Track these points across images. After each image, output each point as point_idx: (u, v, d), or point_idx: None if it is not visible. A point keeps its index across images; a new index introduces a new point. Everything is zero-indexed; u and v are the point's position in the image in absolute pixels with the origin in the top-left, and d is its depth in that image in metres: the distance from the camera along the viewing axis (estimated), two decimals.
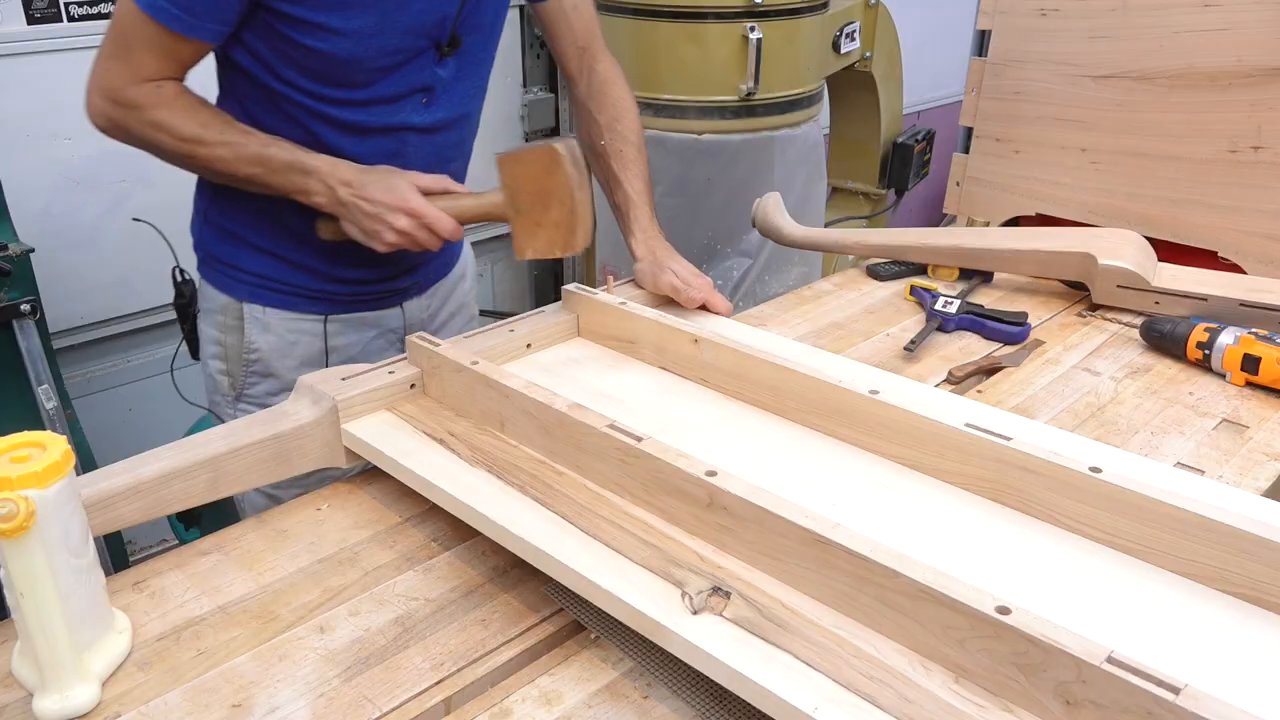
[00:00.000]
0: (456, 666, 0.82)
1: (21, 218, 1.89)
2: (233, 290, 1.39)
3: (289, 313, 1.39)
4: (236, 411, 1.44)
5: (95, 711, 0.77)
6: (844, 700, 0.69)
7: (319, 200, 1.22)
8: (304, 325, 1.40)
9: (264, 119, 1.26)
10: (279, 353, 1.40)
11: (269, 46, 1.21)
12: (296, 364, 1.40)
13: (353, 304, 1.42)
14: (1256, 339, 1.28)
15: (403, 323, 1.49)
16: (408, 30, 1.23)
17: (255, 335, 1.39)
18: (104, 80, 1.19)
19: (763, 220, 1.69)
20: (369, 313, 1.45)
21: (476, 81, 1.39)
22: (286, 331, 1.40)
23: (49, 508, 0.72)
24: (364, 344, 1.45)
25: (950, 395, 1.16)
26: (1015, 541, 0.88)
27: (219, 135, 1.21)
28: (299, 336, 1.41)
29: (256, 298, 1.39)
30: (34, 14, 2.06)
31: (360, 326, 1.45)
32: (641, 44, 2.16)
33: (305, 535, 1.00)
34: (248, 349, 1.40)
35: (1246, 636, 0.78)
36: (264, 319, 1.39)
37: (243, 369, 1.41)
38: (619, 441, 0.91)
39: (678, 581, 0.81)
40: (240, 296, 1.39)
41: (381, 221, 1.19)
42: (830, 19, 2.35)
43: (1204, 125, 1.91)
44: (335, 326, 1.42)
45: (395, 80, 1.27)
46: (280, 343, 1.40)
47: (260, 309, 1.39)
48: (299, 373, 1.36)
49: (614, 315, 1.26)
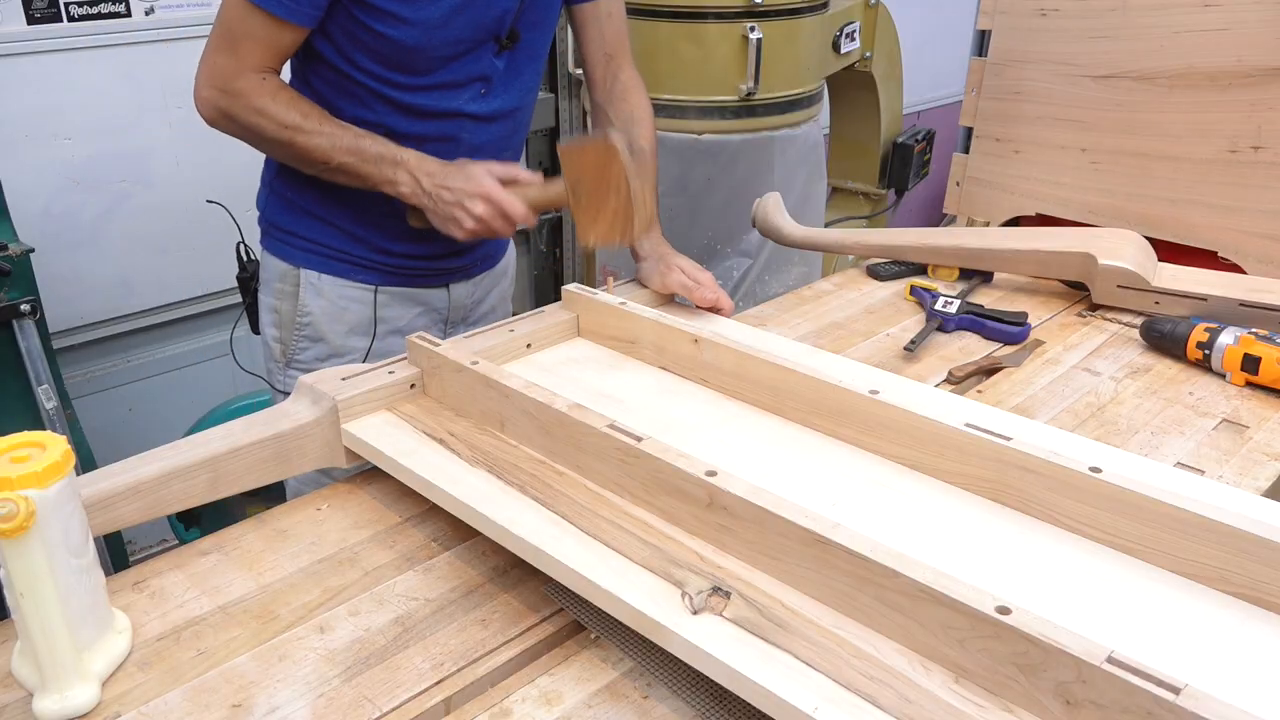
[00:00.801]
0: (456, 666, 0.82)
1: (21, 218, 1.89)
2: (291, 257, 1.47)
3: (341, 280, 1.47)
4: (286, 378, 1.52)
5: (95, 711, 0.77)
6: (844, 700, 0.69)
7: (404, 190, 1.29)
8: (354, 293, 1.48)
9: (334, 101, 1.34)
10: (330, 317, 1.48)
11: (345, 33, 1.29)
12: (346, 329, 1.48)
13: (401, 278, 1.49)
14: (1256, 339, 1.28)
15: (447, 304, 1.55)
16: (472, 23, 1.30)
17: (309, 299, 1.47)
18: (213, 71, 1.27)
19: (763, 220, 1.70)
20: (416, 289, 1.51)
21: (531, 77, 1.46)
22: (338, 298, 1.47)
23: (49, 508, 0.72)
24: (409, 319, 1.52)
25: (950, 395, 1.16)
26: (1015, 541, 0.88)
27: (317, 125, 1.28)
28: (349, 304, 1.48)
29: (312, 264, 1.46)
30: (34, 14, 2.06)
31: (407, 302, 1.51)
32: (641, 44, 2.15)
33: (305, 535, 1.00)
34: (301, 312, 1.48)
35: (1246, 636, 0.78)
36: (318, 284, 1.47)
37: (294, 334, 1.49)
38: (619, 441, 0.91)
39: (678, 581, 0.81)
40: (298, 263, 1.47)
41: (461, 208, 1.25)
42: (830, 19, 2.35)
43: (1204, 125, 1.91)
44: (384, 298, 1.49)
45: (456, 69, 1.34)
46: (331, 308, 1.47)
47: (316, 275, 1.46)
48: (347, 339, 1.48)
49: (614, 315, 1.26)
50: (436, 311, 1.55)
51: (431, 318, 1.55)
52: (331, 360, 1.49)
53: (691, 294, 1.37)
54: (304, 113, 1.29)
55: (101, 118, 2.20)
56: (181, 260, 2.42)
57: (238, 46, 1.26)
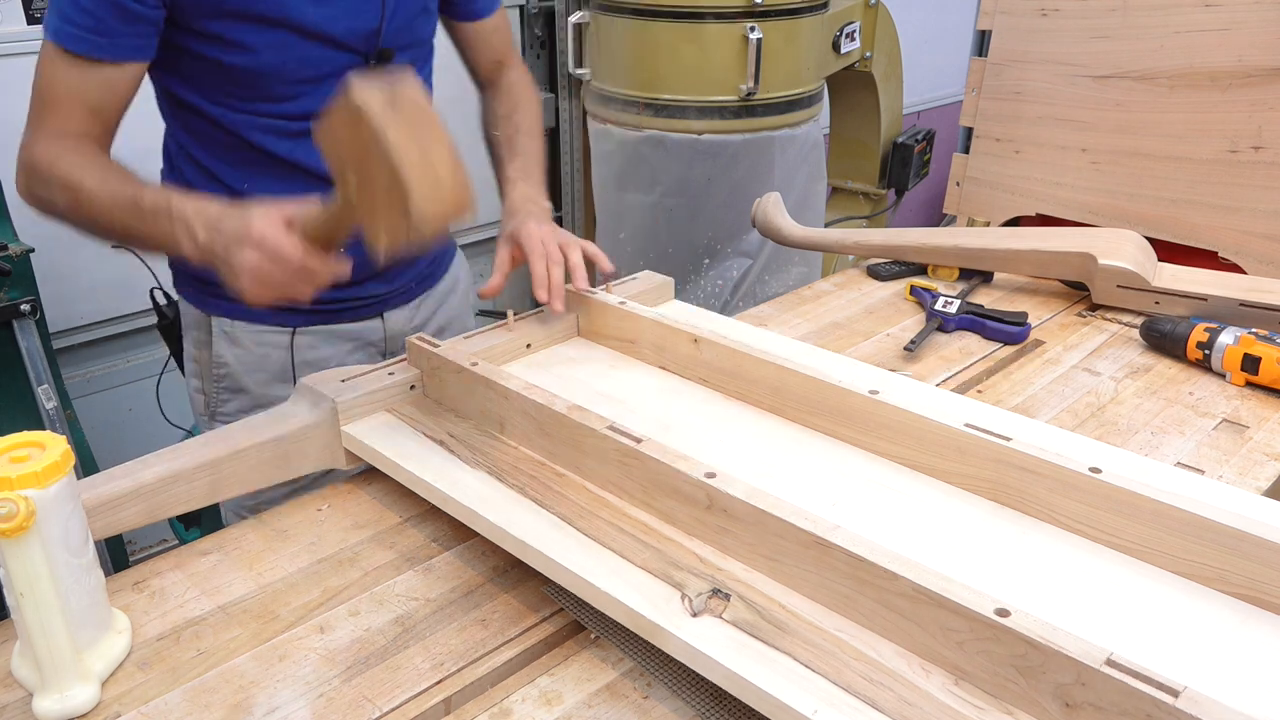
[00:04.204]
0: (456, 666, 0.82)
1: (21, 218, 1.89)
2: (202, 303, 1.35)
3: (255, 325, 1.33)
4: None
5: (95, 711, 0.77)
6: (843, 702, 0.69)
7: (185, 249, 1.04)
8: (272, 338, 1.34)
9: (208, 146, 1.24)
10: (247, 367, 1.35)
11: (193, 70, 1.18)
12: (268, 378, 1.35)
13: (322, 315, 1.35)
14: (1256, 339, 1.28)
15: (383, 334, 1.42)
16: (324, 40, 1.19)
17: (223, 349, 1.34)
18: (23, 151, 1.13)
19: (763, 220, 1.70)
20: (343, 325, 1.37)
21: None
22: (254, 345, 1.34)
23: (49, 508, 0.72)
24: (340, 358, 1.38)
25: (950, 395, 1.16)
26: (1015, 542, 0.88)
27: (99, 183, 1.09)
28: (267, 350, 1.35)
29: (221, 310, 1.33)
30: (34, 14, 2.06)
31: (333, 339, 1.38)
32: (642, 44, 2.16)
33: (305, 535, 1.00)
34: (216, 363, 1.35)
35: (1246, 637, 0.78)
36: (231, 332, 1.34)
37: (214, 385, 1.37)
38: (618, 443, 0.91)
39: (677, 584, 0.81)
40: (209, 310, 1.34)
41: (232, 262, 0.98)
42: (830, 19, 2.35)
43: (1204, 125, 1.91)
44: (305, 339, 1.35)
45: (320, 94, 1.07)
46: (248, 356, 1.34)
47: (228, 322, 1.33)
48: (269, 388, 1.34)
49: (614, 315, 1.26)
50: (372, 345, 1.40)
51: (367, 352, 1.40)
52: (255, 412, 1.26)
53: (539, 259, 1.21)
54: (90, 173, 1.09)
55: None
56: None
57: (42, 111, 1.12)
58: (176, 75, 1.20)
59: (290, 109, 1.22)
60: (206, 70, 1.18)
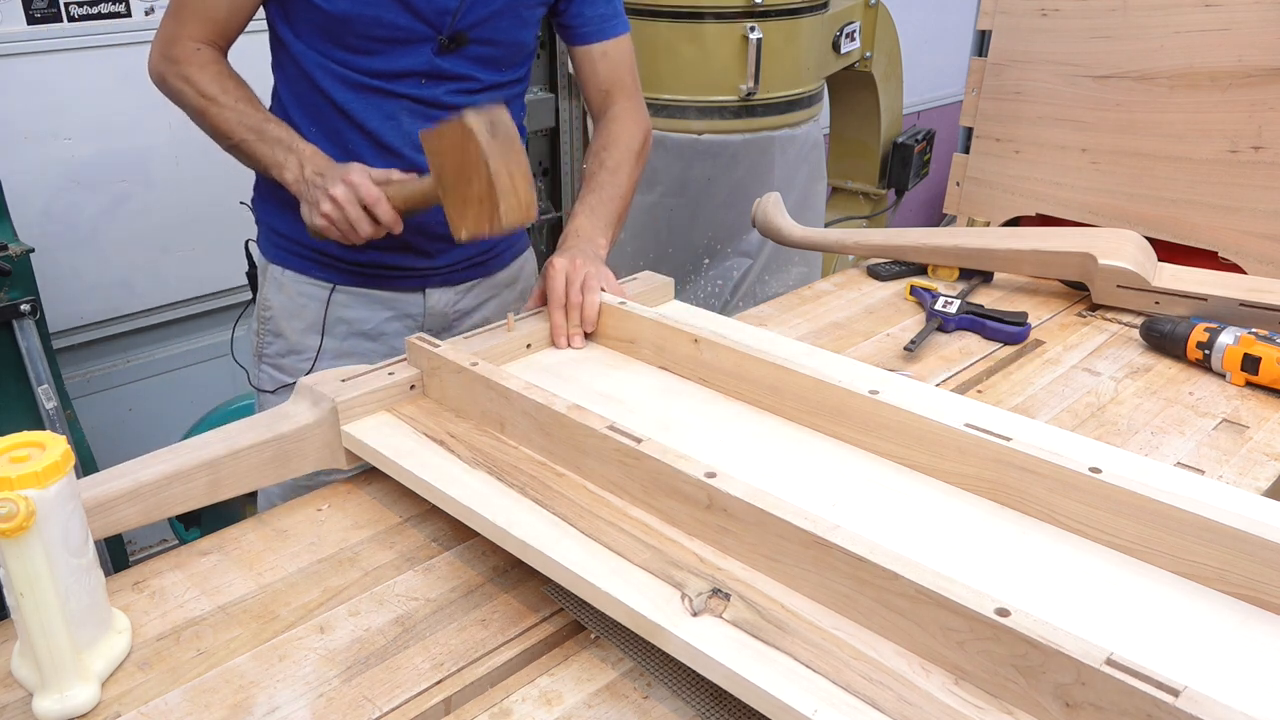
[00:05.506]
0: (456, 666, 0.82)
1: (21, 218, 1.89)
2: (266, 250, 1.49)
3: (301, 275, 1.45)
4: (260, 373, 1.52)
5: (95, 711, 0.77)
6: (843, 702, 0.69)
7: (288, 176, 1.27)
8: (312, 290, 1.46)
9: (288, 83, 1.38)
10: (288, 313, 1.47)
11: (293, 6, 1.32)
12: (303, 326, 1.47)
13: (363, 277, 1.45)
14: (1256, 339, 1.28)
15: (423, 309, 1.50)
16: (404, 5, 1.29)
17: (270, 293, 1.48)
18: (160, 36, 1.34)
19: (763, 220, 1.70)
20: (384, 291, 1.47)
21: (496, 92, 1.41)
22: (296, 294, 1.46)
23: (49, 508, 0.72)
24: (378, 323, 1.48)
25: (950, 395, 1.16)
26: (1015, 542, 0.88)
27: (232, 101, 1.30)
28: (307, 301, 1.46)
29: (277, 258, 1.47)
30: (34, 14, 2.06)
31: (371, 303, 1.47)
32: (641, 44, 2.14)
33: (305, 535, 1.00)
34: (264, 305, 1.48)
35: (1246, 637, 0.78)
36: (280, 278, 1.47)
37: (263, 327, 1.49)
38: (618, 443, 0.91)
39: (677, 583, 0.81)
40: (269, 257, 1.48)
41: (322, 190, 1.22)
42: (830, 19, 2.35)
43: (1204, 125, 1.91)
44: (343, 297, 1.46)
45: (392, 57, 1.33)
46: (290, 303, 1.46)
47: (279, 270, 1.46)
48: (304, 337, 1.46)
49: (614, 315, 1.26)
50: (411, 318, 1.50)
51: (405, 324, 1.50)
52: (291, 357, 1.48)
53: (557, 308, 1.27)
54: (224, 88, 1.30)
55: (101, 118, 2.20)
56: (181, 260, 2.42)
57: (181, 14, 1.32)
58: (280, 7, 1.34)
59: (360, 63, 1.33)
60: (301, 7, 1.31)
